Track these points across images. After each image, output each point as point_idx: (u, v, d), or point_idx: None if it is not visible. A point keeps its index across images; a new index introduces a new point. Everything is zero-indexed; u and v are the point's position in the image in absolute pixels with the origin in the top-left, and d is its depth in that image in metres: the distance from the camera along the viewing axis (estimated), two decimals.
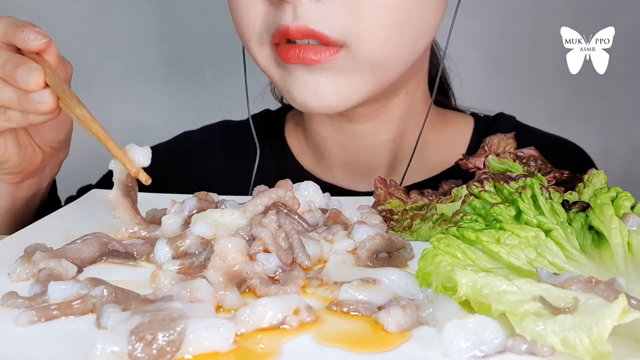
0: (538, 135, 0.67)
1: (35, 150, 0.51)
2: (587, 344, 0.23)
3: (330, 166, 0.63)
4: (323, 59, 0.47)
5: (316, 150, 0.64)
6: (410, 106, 0.60)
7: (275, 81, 0.53)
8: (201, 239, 0.37)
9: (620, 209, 0.33)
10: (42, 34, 0.43)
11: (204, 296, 0.30)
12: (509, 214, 0.33)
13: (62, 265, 0.35)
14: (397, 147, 0.61)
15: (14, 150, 0.48)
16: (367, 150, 0.61)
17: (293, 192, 0.43)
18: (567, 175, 0.43)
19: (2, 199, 0.52)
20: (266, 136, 0.65)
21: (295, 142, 0.67)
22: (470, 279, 0.27)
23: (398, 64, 0.51)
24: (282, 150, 0.66)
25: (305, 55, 0.47)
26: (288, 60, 0.48)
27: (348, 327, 0.29)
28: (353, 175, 0.62)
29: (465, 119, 0.68)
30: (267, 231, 0.35)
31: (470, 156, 0.46)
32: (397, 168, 0.61)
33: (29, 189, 0.53)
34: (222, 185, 0.59)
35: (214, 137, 0.70)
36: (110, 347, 0.24)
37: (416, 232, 0.42)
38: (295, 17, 0.46)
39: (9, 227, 0.53)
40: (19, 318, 0.29)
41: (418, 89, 0.61)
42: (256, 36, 0.50)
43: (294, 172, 0.64)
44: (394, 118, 0.59)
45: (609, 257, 0.31)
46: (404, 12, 0.47)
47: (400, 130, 0.61)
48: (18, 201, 0.53)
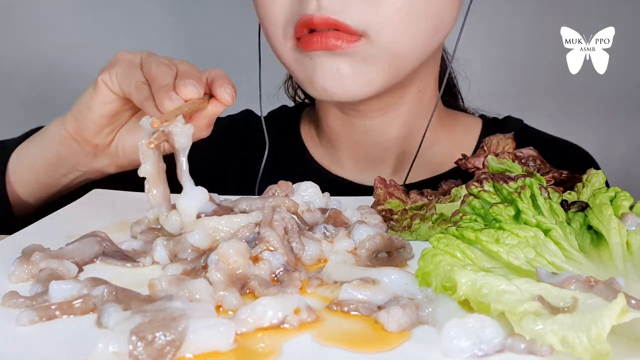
0: (544, 138, 0.69)
1: (109, 136, 0.53)
2: (586, 344, 0.23)
3: (340, 160, 0.66)
4: (344, 45, 0.50)
5: (328, 145, 0.67)
6: (420, 105, 0.62)
7: (297, 73, 0.55)
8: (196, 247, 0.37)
9: (619, 208, 0.33)
10: (234, 97, 0.46)
11: (202, 296, 0.30)
12: (508, 214, 0.33)
13: (63, 265, 0.35)
14: (406, 144, 0.63)
15: (104, 112, 0.50)
16: (376, 146, 0.63)
17: (293, 192, 0.43)
18: (566, 175, 0.43)
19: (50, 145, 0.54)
20: (281, 130, 0.69)
21: (308, 136, 0.70)
22: (470, 279, 0.27)
23: (414, 55, 0.54)
24: (295, 144, 0.69)
25: (327, 40, 0.50)
26: (311, 47, 0.51)
27: (348, 326, 0.29)
28: (362, 169, 0.65)
29: (474, 120, 0.70)
30: (276, 234, 0.35)
31: (470, 156, 0.46)
32: (404, 164, 0.63)
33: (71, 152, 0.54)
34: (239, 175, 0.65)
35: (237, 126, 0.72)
36: (111, 347, 0.24)
37: (416, 231, 0.42)
38: (319, 7, 0.49)
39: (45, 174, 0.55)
40: (20, 318, 0.29)
41: (428, 87, 0.63)
42: (281, 29, 0.53)
43: (305, 164, 0.67)
44: (403, 115, 0.62)
45: (607, 256, 0.31)
46: (422, 6, 0.51)
47: (409, 128, 0.63)
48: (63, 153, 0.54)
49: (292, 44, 0.53)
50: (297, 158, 0.68)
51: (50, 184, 0.56)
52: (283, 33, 0.53)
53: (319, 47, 0.50)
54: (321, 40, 0.50)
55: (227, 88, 0.45)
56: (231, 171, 0.69)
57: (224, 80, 0.46)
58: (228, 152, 0.70)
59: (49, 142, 0.54)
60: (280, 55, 0.56)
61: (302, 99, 0.76)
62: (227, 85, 0.45)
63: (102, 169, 0.56)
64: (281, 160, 0.66)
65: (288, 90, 0.76)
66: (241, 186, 0.64)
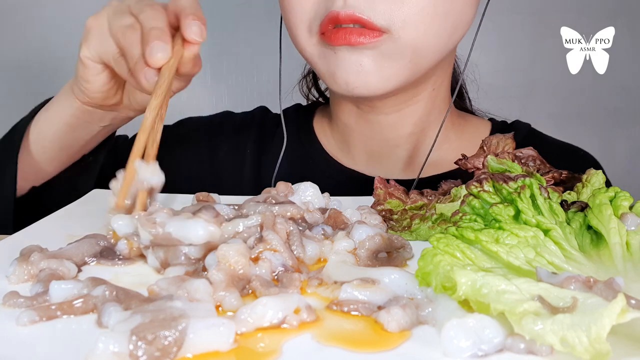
0: (550, 142, 0.70)
1: (117, 95, 0.55)
2: (586, 343, 0.23)
3: (353, 154, 0.67)
4: (367, 41, 0.52)
5: (341, 140, 0.68)
6: (434, 103, 0.64)
7: (320, 68, 0.57)
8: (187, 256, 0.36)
9: (619, 208, 0.33)
10: (203, 32, 0.45)
11: (202, 296, 0.30)
12: (508, 214, 0.33)
13: (64, 265, 0.35)
14: (418, 141, 0.65)
15: (102, 81, 0.52)
16: (389, 142, 0.65)
17: (293, 193, 0.43)
18: (565, 175, 0.43)
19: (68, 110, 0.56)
20: (296, 126, 0.71)
21: (322, 132, 0.71)
22: (470, 279, 0.27)
23: (435, 53, 0.56)
24: (310, 139, 0.71)
25: (351, 37, 0.52)
26: (335, 42, 0.53)
27: (348, 326, 0.29)
28: (374, 164, 0.67)
29: (484, 123, 0.72)
30: (279, 238, 0.35)
31: (470, 156, 0.46)
32: (415, 161, 0.65)
33: (90, 115, 0.56)
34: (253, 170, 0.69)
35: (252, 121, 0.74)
36: (111, 347, 0.24)
37: (415, 231, 0.42)
38: (345, 4, 0.51)
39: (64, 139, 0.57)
40: (20, 317, 0.29)
41: (442, 87, 0.64)
42: (306, 25, 0.55)
43: (319, 158, 0.69)
44: (417, 113, 0.63)
45: (607, 256, 0.31)
46: (444, 5, 0.52)
47: (422, 126, 0.64)
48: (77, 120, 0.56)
49: (317, 39, 0.55)
50: (311, 152, 0.70)
51: (74, 145, 0.59)
52: (308, 29, 0.55)
53: (343, 42, 0.52)
54: (345, 36, 0.52)
55: (193, 25, 0.44)
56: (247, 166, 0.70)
57: (189, 16, 0.44)
58: (243, 148, 0.72)
59: (66, 110, 0.56)
60: (303, 49, 0.57)
61: (317, 98, 0.77)
62: (193, 22, 0.44)
63: (122, 118, 0.58)
64: (295, 155, 0.68)
65: (302, 89, 0.77)
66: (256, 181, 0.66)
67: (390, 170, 0.65)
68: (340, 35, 0.52)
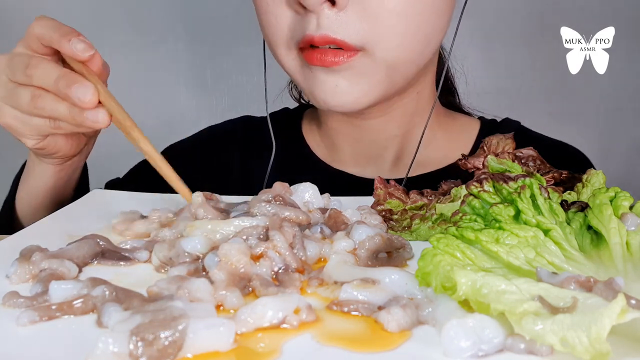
0: (539, 139, 0.70)
1: (80, 137, 0.54)
2: (586, 343, 0.23)
3: (341, 156, 0.68)
4: (341, 61, 0.52)
5: (329, 143, 0.69)
6: (419, 104, 0.64)
7: (300, 82, 0.57)
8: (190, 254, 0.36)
9: (619, 208, 0.33)
10: (89, 45, 0.45)
11: (202, 296, 0.30)
12: (508, 214, 0.33)
13: (64, 265, 0.35)
14: (405, 141, 0.66)
15: (62, 143, 0.52)
16: (376, 144, 0.66)
17: (291, 193, 0.43)
18: (565, 175, 0.43)
19: (47, 178, 0.56)
20: (284, 130, 0.71)
21: (310, 136, 0.72)
22: (470, 279, 0.27)
23: (411, 66, 0.56)
24: (298, 143, 0.71)
25: (326, 58, 0.52)
26: (312, 62, 0.53)
27: (348, 326, 0.29)
28: (362, 165, 0.67)
29: (472, 121, 0.72)
30: (284, 240, 0.35)
31: (470, 156, 0.46)
32: (402, 161, 0.66)
33: (71, 166, 0.57)
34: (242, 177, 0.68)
35: (236, 131, 0.75)
36: (111, 347, 0.25)
37: (415, 231, 0.42)
38: (318, 26, 0.51)
39: (52, 204, 0.58)
40: (20, 317, 0.29)
41: (426, 88, 0.64)
42: (284, 42, 0.55)
43: (308, 161, 0.69)
44: (403, 115, 0.64)
45: (607, 256, 0.31)
46: (415, 19, 0.52)
47: (407, 127, 0.65)
48: (60, 180, 0.57)
49: (295, 54, 0.55)
50: (300, 155, 0.70)
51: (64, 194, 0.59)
52: (286, 46, 0.55)
53: (318, 63, 0.52)
54: (320, 57, 0.52)
55: (77, 44, 0.44)
56: (234, 174, 0.70)
57: (62, 40, 0.44)
58: (229, 157, 0.72)
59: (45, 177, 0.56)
60: (283, 64, 0.57)
61: (307, 101, 0.77)
62: (73, 42, 0.44)
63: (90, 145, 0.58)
64: (284, 158, 0.68)
65: (292, 92, 0.78)
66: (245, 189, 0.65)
67: (378, 171, 0.66)
68: (315, 56, 0.52)
